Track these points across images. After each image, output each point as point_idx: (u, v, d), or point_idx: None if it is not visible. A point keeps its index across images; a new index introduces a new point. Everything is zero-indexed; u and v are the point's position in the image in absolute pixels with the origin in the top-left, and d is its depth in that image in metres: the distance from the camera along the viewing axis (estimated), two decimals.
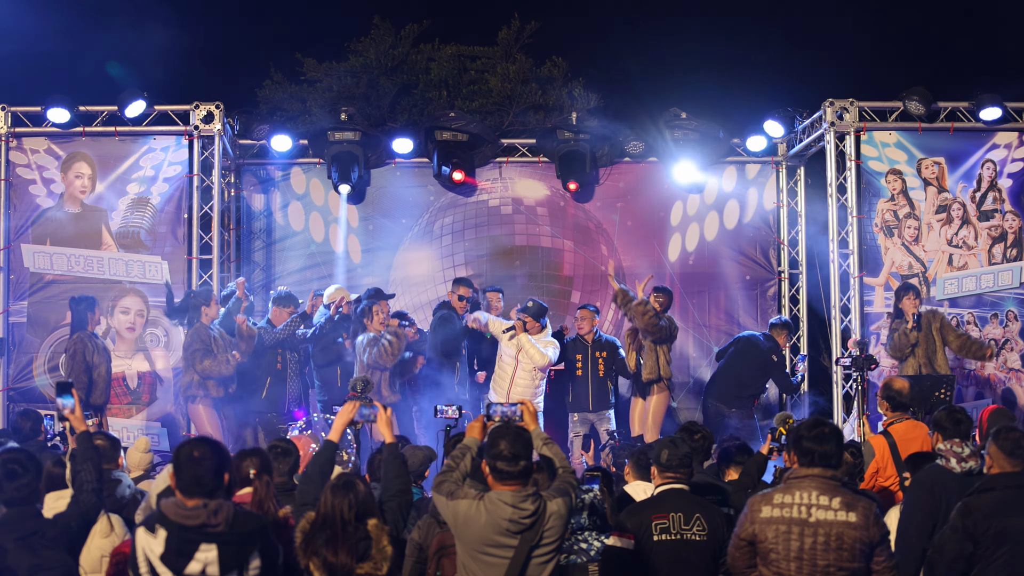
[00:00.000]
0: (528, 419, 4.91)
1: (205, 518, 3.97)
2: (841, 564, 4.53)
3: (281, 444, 5.86)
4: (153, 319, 11.01)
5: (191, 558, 3.94)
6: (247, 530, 4.05)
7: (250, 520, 4.12)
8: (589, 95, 16.42)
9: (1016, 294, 11.20)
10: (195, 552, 3.95)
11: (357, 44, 16.95)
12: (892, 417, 7.16)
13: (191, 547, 3.95)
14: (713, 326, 12.17)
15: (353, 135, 11.56)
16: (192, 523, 3.96)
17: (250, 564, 4.03)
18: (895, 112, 11.32)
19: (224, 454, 4.19)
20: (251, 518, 4.15)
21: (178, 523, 3.97)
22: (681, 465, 5.30)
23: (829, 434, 4.67)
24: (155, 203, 11.11)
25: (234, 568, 3.99)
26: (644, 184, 12.32)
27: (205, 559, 3.95)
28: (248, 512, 4.24)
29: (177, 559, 3.95)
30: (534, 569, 4.42)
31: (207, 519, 3.97)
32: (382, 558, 4.41)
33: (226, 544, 3.98)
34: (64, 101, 10.90)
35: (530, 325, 9.91)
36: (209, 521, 3.97)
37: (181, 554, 3.95)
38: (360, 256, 12.18)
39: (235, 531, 4.01)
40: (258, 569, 4.05)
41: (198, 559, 3.95)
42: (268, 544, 4.12)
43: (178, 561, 3.95)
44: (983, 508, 4.95)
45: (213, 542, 3.97)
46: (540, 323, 9.98)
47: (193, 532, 3.96)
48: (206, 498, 4.01)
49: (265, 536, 4.12)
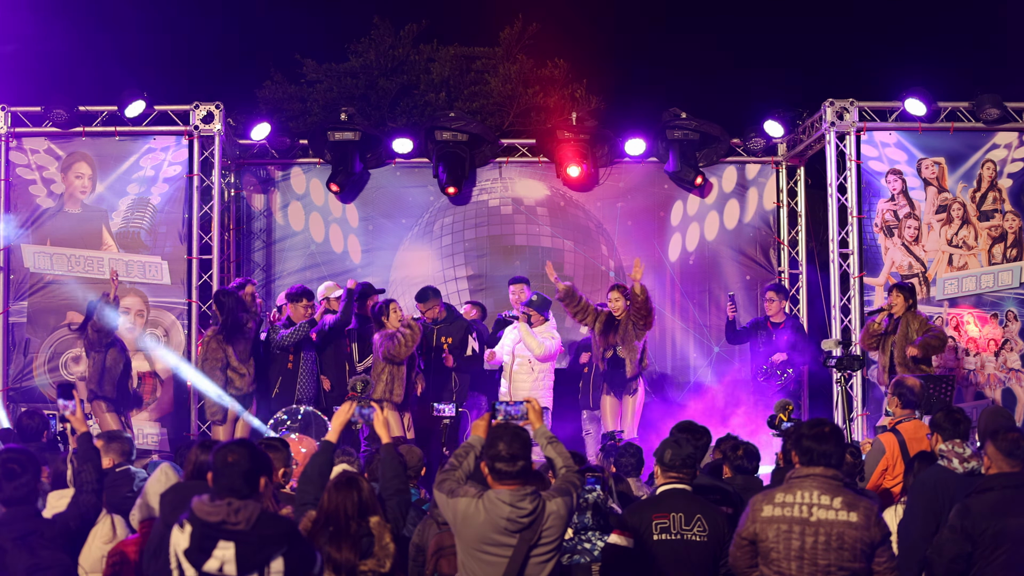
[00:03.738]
0: (533, 417, 4.91)
1: (225, 515, 3.98)
2: (842, 564, 4.53)
3: (272, 441, 5.88)
4: (153, 319, 11.01)
5: (209, 555, 3.96)
6: (270, 532, 4.03)
7: (276, 523, 4.11)
8: (589, 96, 16.45)
9: (1016, 294, 11.20)
10: (214, 549, 3.96)
11: (357, 44, 16.98)
12: (901, 415, 7.14)
13: (210, 543, 3.97)
14: (713, 326, 12.17)
15: (353, 135, 11.56)
16: (212, 519, 3.98)
17: (271, 567, 4.00)
18: (895, 112, 11.32)
19: (260, 458, 4.19)
20: (277, 521, 4.14)
21: (201, 519, 3.99)
22: (684, 465, 5.30)
23: (829, 433, 4.69)
24: (155, 203, 11.11)
25: (253, 569, 3.98)
26: (644, 184, 12.32)
27: (223, 556, 3.96)
28: (276, 515, 4.24)
29: (198, 555, 3.97)
30: (533, 568, 4.42)
31: (227, 516, 3.97)
32: (385, 555, 4.44)
33: (245, 543, 3.98)
34: (64, 101, 10.90)
35: (534, 318, 10.07)
36: (229, 519, 3.97)
37: (202, 550, 3.97)
38: (360, 256, 12.18)
39: (256, 532, 4.00)
40: (281, 573, 4.01)
41: (216, 556, 3.96)
42: (296, 549, 4.08)
43: (199, 557, 3.97)
44: (981, 508, 4.96)
45: (231, 540, 3.97)
46: (544, 316, 10.15)
47: (213, 529, 3.97)
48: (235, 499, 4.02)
49: (293, 541, 4.08)
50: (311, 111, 16.63)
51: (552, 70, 16.90)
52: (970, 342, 11.14)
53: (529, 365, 10.06)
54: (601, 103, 16.65)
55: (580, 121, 12.18)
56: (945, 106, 11.31)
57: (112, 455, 6.26)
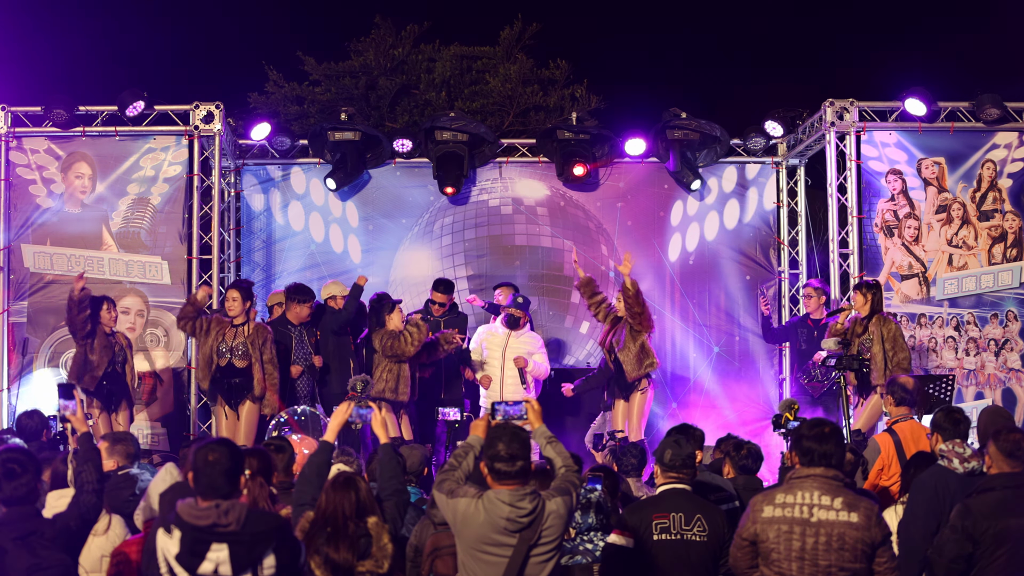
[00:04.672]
0: (533, 417, 4.91)
1: (216, 518, 4.00)
2: (842, 564, 4.54)
3: (275, 442, 5.87)
4: (153, 319, 11.01)
5: (203, 558, 3.99)
6: (260, 530, 4.07)
7: (264, 520, 4.15)
8: (590, 96, 16.44)
9: (1016, 294, 11.20)
10: (207, 552, 3.99)
11: (358, 44, 16.96)
12: (897, 415, 7.15)
13: (203, 547, 3.99)
14: (713, 326, 12.17)
15: (353, 135, 11.56)
16: (203, 523, 4.00)
17: (264, 563, 4.05)
18: (895, 112, 11.32)
19: (239, 457, 4.22)
20: (265, 517, 4.18)
21: (191, 523, 4.01)
22: (684, 465, 5.30)
23: (829, 434, 4.69)
24: (155, 203, 11.11)
25: (247, 568, 4.02)
26: (644, 184, 12.32)
27: (217, 559, 3.99)
28: (263, 512, 4.28)
29: (191, 559, 3.99)
30: (533, 568, 4.42)
31: (217, 519, 4.00)
32: (383, 556, 4.44)
33: (237, 543, 4.01)
34: (64, 101, 10.90)
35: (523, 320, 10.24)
36: (220, 521, 4.00)
37: (194, 554, 3.99)
38: (360, 256, 12.17)
39: (247, 530, 4.03)
40: (273, 568, 4.07)
41: (210, 559, 3.99)
42: (284, 543, 4.13)
43: (191, 561, 3.99)
44: (982, 509, 4.96)
45: (224, 542, 4.00)
46: (527, 315, 10.37)
47: (204, 532, 4.00)
48: (221, 500, 4.04)
49: (281, 535, 4.14)
50: (311, 111, 16.62)
51: (552, 70, 16.90)
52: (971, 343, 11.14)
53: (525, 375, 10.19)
54: (601, 103, 16.64)
55: (580, 121, 12.17)
56: (945, 106, 11.31)
57: (116, 457, 6.26)
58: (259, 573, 4.03)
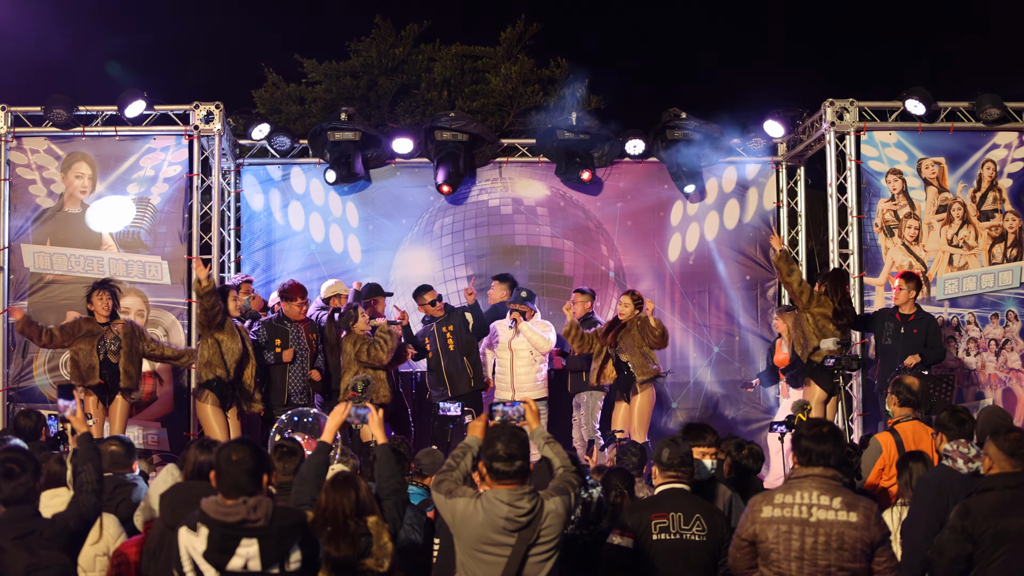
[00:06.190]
0: (530, 417, 4.91)
1: (245, 514, 4.02)
2: (842, 564, 4.54)
3: (287, 444, 5.89)
4: (153, 319, 11.01)
5: (233, 554, 4.00)
6: (287, 524, 4.10)
7: (290, 515, 4.18)
8: (590, 96, 16.45)
9: (1016, 294, 11.20)
10: (236, 548, 4.00)
11: (358, 44, 16.98)
12: (900, 414, 7.13)
13: (233, 543, 4.01)
14: (713, 326, 12.17)
15: (353, 135, 11.56)
16: (232, 519, 4.01)
17: (291, 557, 4.07)
18: (895, 112, 11.32)
19: (262, 457, 4.23)
20: (291, 513, 4.21)
21: (219, 520, 4.02)
22: (683, 464, 5.29)
23: (827, 434, 4.69)
24: (155, 203, 11.11)
25: (275, 562, 4.04)
26: (644, 184, 12.31)
27: (247, 554, 4.01)
28: (287, 507, 4.30)
29: (220, 555, 4.00)
30: (532, 568, 4.42)
31: (247, 515, 4.02)
32: (383, 554, 4.46)
33: (266, 538, 4.03)
34: (64, 101, 10.90)
35: (528, 313, 10.20)
36: (249, 517, 4.02)
37: (223, 551, 4.00)
38: (360, 256, 12.18)
39: (275, 525, 4.05)
40: (299, 563, 4.09)
41: (240, 554, 4.00)
42: (308, 538, 4.17)
43: (220, 557, 4.00)
44: (982, 508, 4.95)
45: (254, 537, 4.02)
46: (533, 308, 10.31)
47: (234, 528, 4.01)
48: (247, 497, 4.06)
49: (305, 530, 4.17)
50: (311, 111, 16.63)
51: (552, 70, 16.91)
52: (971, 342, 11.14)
53: (531, 357, 10.24)
54: (601, 103, 16.65)
55: (580, 121, 12.17)
56: (945, 106, 11.31)
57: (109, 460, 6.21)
58: (286, 567, 4.05)
